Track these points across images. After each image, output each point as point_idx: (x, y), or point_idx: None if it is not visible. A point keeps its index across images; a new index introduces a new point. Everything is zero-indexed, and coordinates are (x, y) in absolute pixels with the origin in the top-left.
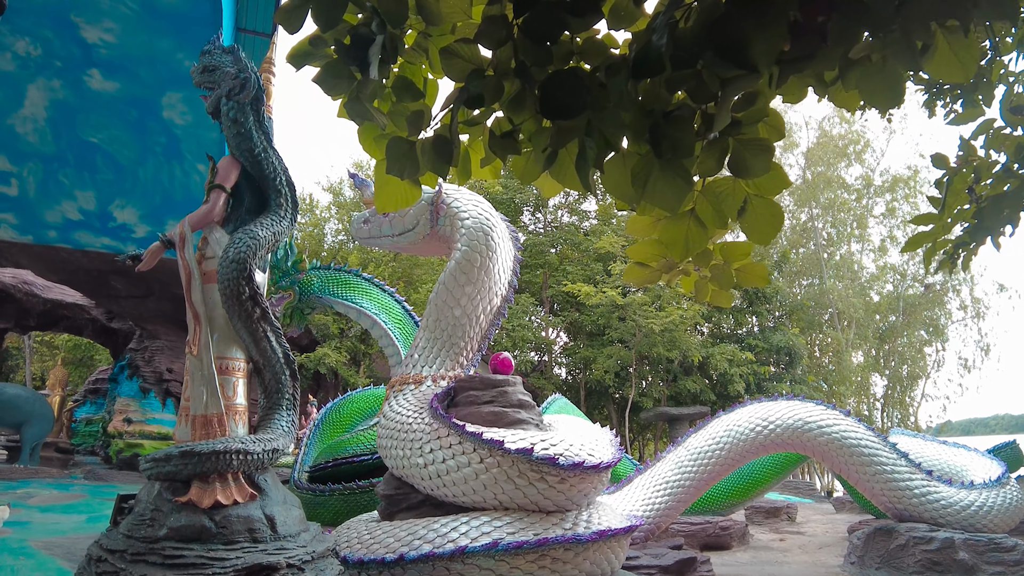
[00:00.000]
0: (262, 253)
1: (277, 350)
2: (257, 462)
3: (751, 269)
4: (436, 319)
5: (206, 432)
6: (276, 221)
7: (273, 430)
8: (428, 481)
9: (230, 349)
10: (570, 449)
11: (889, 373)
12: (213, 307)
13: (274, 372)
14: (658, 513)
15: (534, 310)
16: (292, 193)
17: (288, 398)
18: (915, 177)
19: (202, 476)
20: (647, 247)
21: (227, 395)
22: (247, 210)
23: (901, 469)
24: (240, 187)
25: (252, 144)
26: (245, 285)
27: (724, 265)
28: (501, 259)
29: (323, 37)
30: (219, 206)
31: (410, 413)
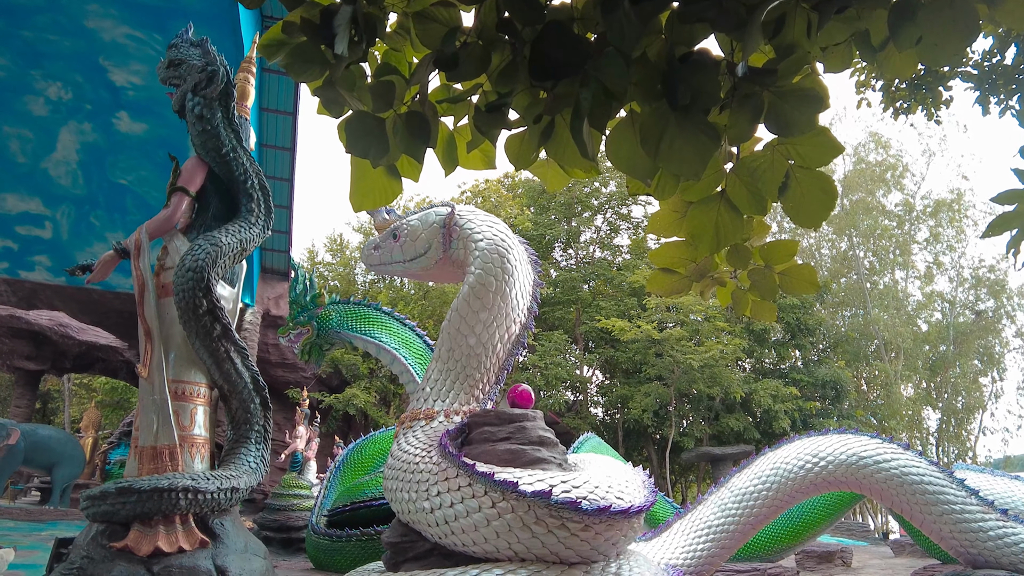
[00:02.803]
0: (226, 262)
1: (244, 374)
2: (211, 503)
3: (798, 273)
4: (449, 349)
5: (154, 466)
6: (245, 228)
7: (237, 466)
8: (435, 528)
9: (189, 372)
10: (595, 492)
11: (942, 406)
12: (170, 324)
13: (241, 400)
14: (700, 561)
15: (568, 347)
16: (265, 198)
17: (258, 430)
18: (959, 200)
19: (143, 518)
20: (673, 249)
21: (182, 424)
22: (214, 216)
23: (972, 508)
24: (207, 191)
25: (220, 143)
26: (203, 297)
27: (765, 269)
28: (519, 283)
29: (294, 22)
30: (181, 211)
31: (418, 452)
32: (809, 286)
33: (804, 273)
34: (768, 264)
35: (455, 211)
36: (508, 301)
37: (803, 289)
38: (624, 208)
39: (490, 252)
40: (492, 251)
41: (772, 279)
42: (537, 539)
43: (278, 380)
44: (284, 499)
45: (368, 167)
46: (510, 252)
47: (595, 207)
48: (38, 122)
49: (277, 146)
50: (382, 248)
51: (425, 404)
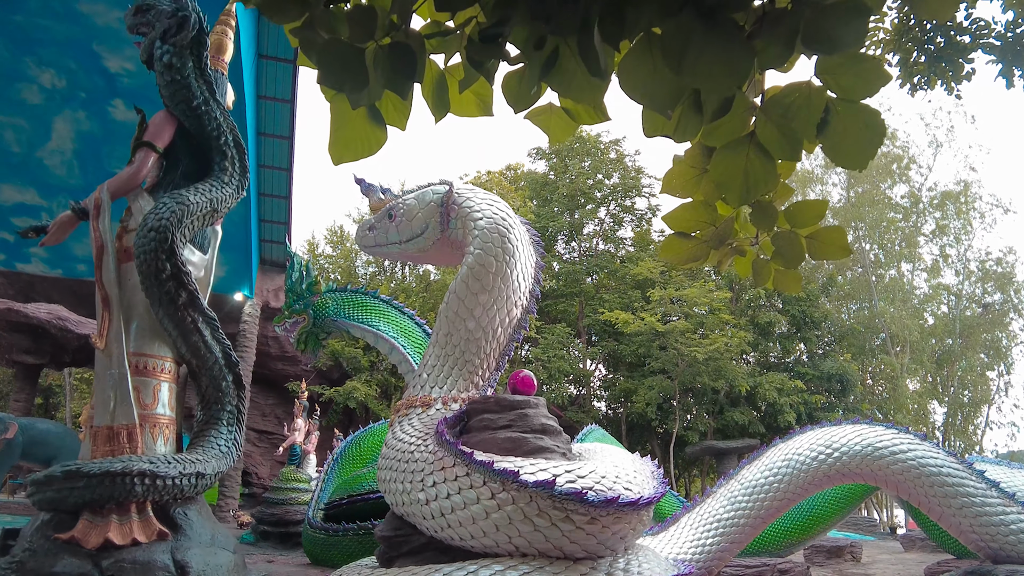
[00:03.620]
0: (194, 223)
1: (214, 348)
2: (172, 490)
3: (827, 236)
4: (447, 333)
5: (110, 449)
6: (217, 187)
7: (205, 450)
8: (431, 520)
9: (152, 344)
10: (602, 482)
11: (948, 400)
12: (132, 291)
13: (212, 377)
14: (709, 556)
15: (571, 341)
16: (241, 156)
17: (230, 411)
18: (966, 192)
19: (94, 506)
20: (689, 211)
21: (143, 402)
22: (183, 175)
23: (993, 501)
24: (176, 148)
25: (190, 95)
26: (166, 260)
27: (790, 234)
28: (520, 264)
29: None
30: (146, 168)
31: (413, 440)
32: (839, 250)
33: (834, 236)
34: (794, 227)
35: (454, 188)
36: (509, 283)
37: (833, 254)
38: (628, 200)
39: (490, 231)
40: (492, 230)
41: (798, 244)
42: (539, 532)
43: (278, 373)
44: (282, 493)
45: (348, 113)
46: (511, 231)
47: (598, 199)
48: (32, 111)
49: (275, 135)
50: (377, 229)
51: (421, 391)
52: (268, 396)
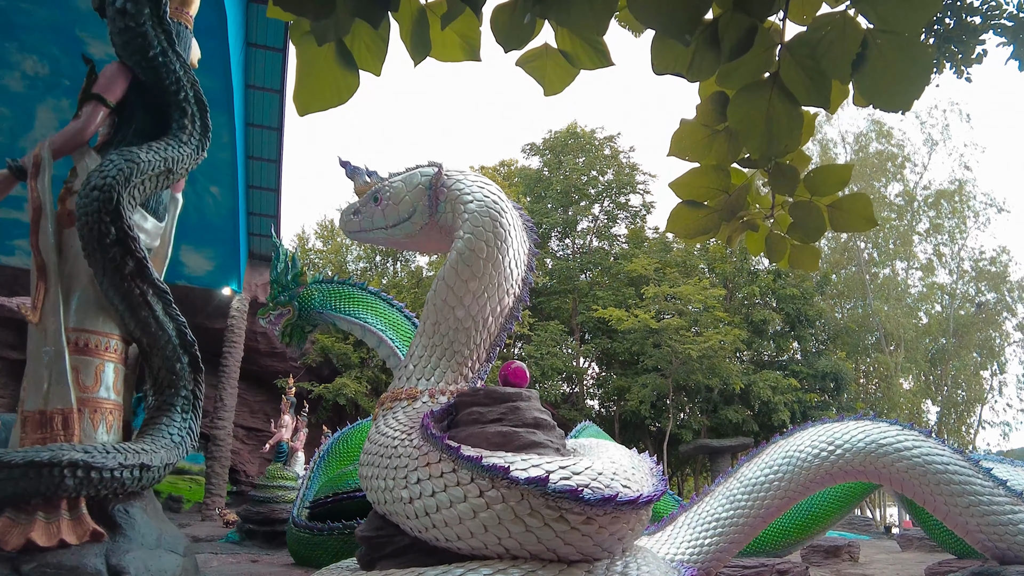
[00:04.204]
0: (145, 184)
1: (167, 324)
2: (110, 483)
3: (851, 205)
4: (435, 322)
5: (41, 436)
6: (173, 146)
7: (154, 439)
8: (415, 520)
9: (96, 320)
10: (599, 479)
11: (942, 399)
12: (74, 259)
13: (164, 357)
14: (707, 556)
15: (564, 338)
16: (202, 113)
17: (185, 396)
18: (960, 191)
19: (16, 501)
20: (699, 176)
21: (83, 384)
22: (137, 133)
23: (1000, 500)
24: (130, 104)
25: (146, 44)
26: (110, 223)
27: (810, 204)
28: (513, 250)
29: None
30: (95, 123)
31: (396, 435)
32: (864, 221)
33: (857, 205)
34: (814, 196)
35: (443, 170)
36: (501, 270)
37: (857, 225)
38: (622, 197)
39: (481, 215)
40: (483, 214)
41: (819, 214)
42: (531, 533)
43: (267, 370)
44: (268, 491)
45: (316, 56)
46: (503, 215)
47: (592, 196)
48: (15, 98)
49: (264, 125)
50: (362, 213)
51: (407, 383)
52: (256, 393)
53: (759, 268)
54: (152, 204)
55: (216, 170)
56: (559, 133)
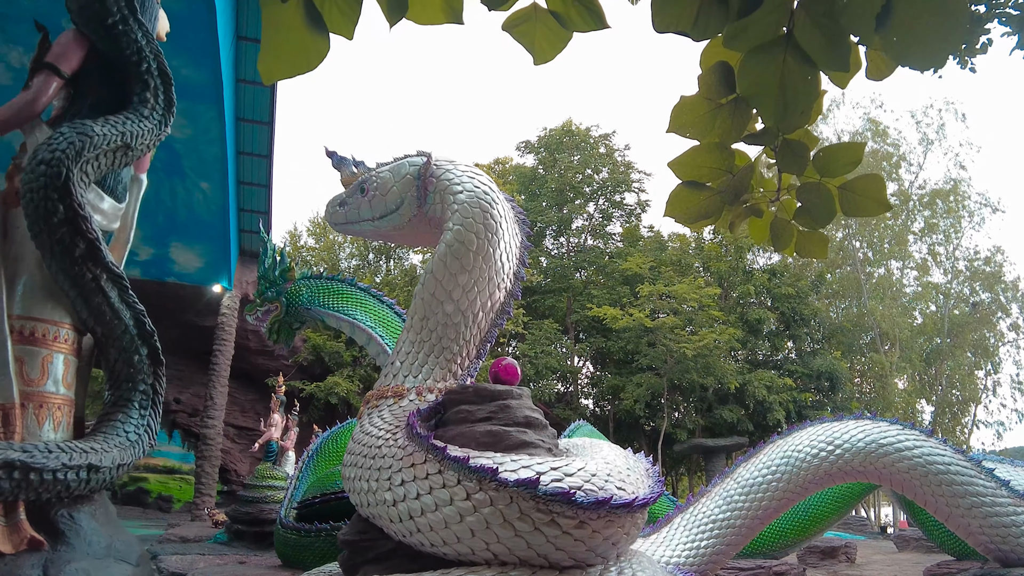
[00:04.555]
0: (100, 160)
1: (123, 313)
2: (53, 486)
3: (863, 187)
4: (423, 317)
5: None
6: (133, 120)
7: (106, 437)
8: (399, 524)
9: (44, 307)
10: (592, 480)
11: (936, 399)
12: (22, 241)
13: (121, 348)
14: (703, 559)
15: (558, 337)
16: (166, 87)
17: (144, 391)
18: (955, 190)
19: None
20: (701, 155)
21: (28, 376)
22: (94, 107)
23: (1003, 500)
24: (87, 75)
25: (105, 10)
26: (58, 201)
27: (819, 186)
28: (504, 243)
29: None
30: (47, 95)
31: (381, 434)
32: (876, 204)
33: (870, 187)
34: (824, 177)
35: (432, 160)
36: (491, 263)
37: (869, 208)
38: (617, 195)
39: (471, 206)
40: (473, 204)
41: (829, 197)
42: (521, 538)
43: (258, 368)
44: (257, 491)
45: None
46: (494, 207)
47: (587, 194)
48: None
49: (254, 120)
50: (348, 204)
51: (394, 380)
52: (247, 391)
53: (754, 267)
54: (110, 183)
55: (206, 166)
56: (554, 131)
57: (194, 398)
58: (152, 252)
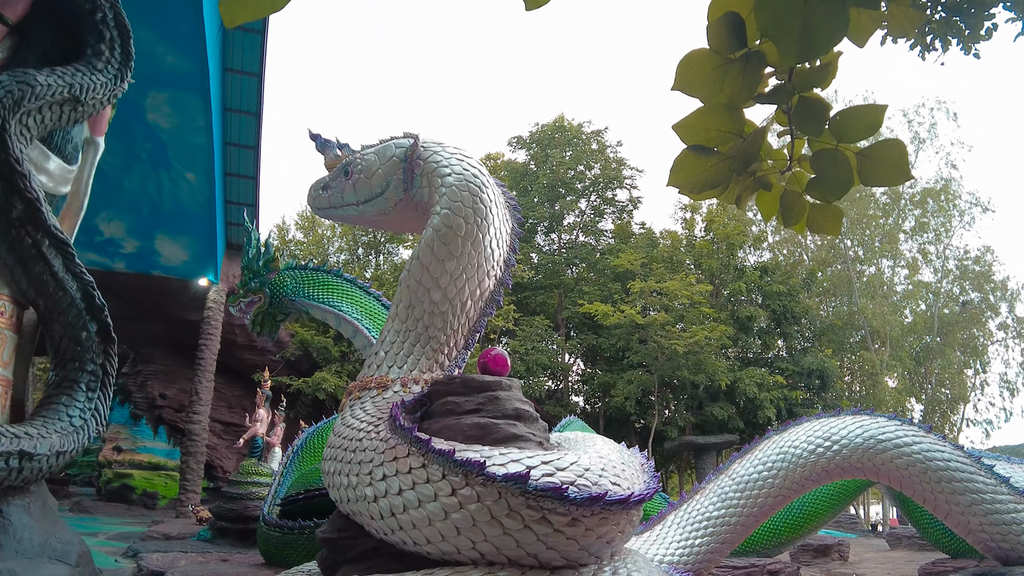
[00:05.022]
0: (44, 113)
1: (68, 283)
2: None
3: (881, 155)
4: (408, 305)
5: None
6: (84, 72)
7: (47, 421)
8: (380, 521)
9: None
10: (586, 475)
11: (926, 397)
12: None
13: (67, 324)
14: (698, 557)
15: (549, 334)
16: (124, 39)
17: (92, 371)
18: (946, 189)
19: None
20: (708, 117)
21: None
22: (42, 59)
23: (1003, 498)
24: (35, 24)
25: None
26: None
27: (835, 152)
28: (494, 228)
29: None
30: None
31: (362, 427)
32: (897, 173)
33: (891, 154)
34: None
35: (419, 141)
36: (481, 249)
37: (889, 177)
38: (609, 192)
39: (460, 189)
40: (463, 188)
41: (846, 165)
42: (510, 536)
43: (245, 363)
44: (242, 487)
45: None
46: (484, 191)
47: (579, 190)
48: None
49: (242, 110)
50: (332, 188)
51: (378, 371)
52: (234, 387)
53: (746, 265)
54: (57, 141)
55: (192, 156)
56: (546, 126)
57: (180, 393)
58: (137, 245)
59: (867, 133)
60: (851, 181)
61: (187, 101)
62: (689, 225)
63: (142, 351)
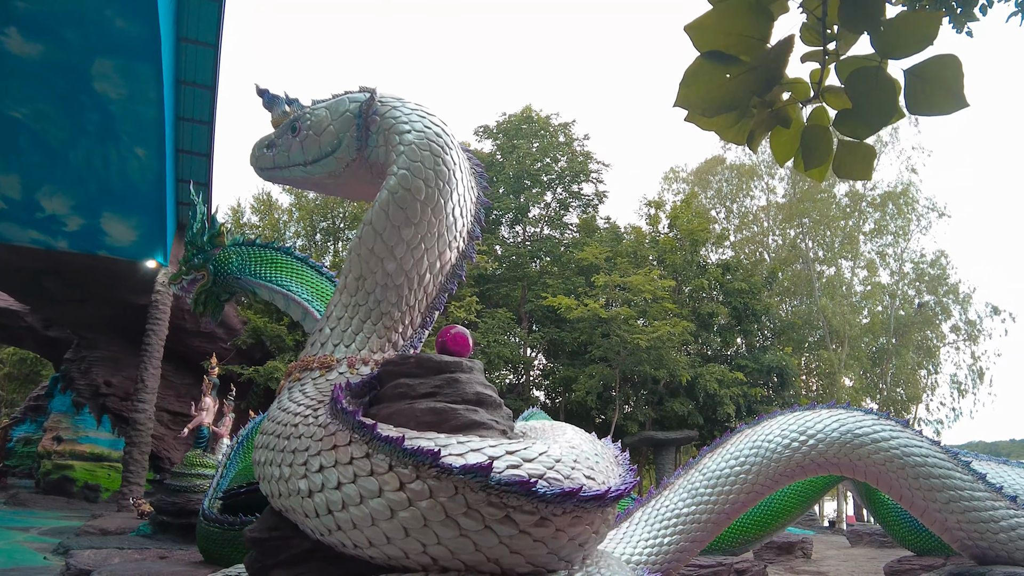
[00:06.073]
0: None
1: None
2: None
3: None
4: (358, 276)
5: None
6: None
7: None
8: (315, 519)
9: None
10: (556, 468)
11: (881, 397)
12: None
13: None
14: (666, 556)
15: (512, 326)
16: None
17: None
18: (905, 194)
19: None
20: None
21: None
22: None
23: (981, 495)
24: None
25: None
26: None
27: (877, 71)
28: (458, 194)
29: None
30: None
31: (300, 410)
32: (953, 99)
33: (947, 73)
34: (885, 58)
35: (377, 96)
36: (442, 216)
37: (943, 103)
38: (575, 185)
39: (420, 148)
40: (423, 147)
41: (890, 86)
42: (467, 538)
43: (196, 351)
44: (186, 479)
45: None
46: (448, 152)
47: (545, 183)
48: None
49: (196, 83)
50: (277, 147)
51: (322, 349)
52: (184, 375)
53: (708, 262)
54: None
55: (142, 129)
56: (513, 116)
57: (126, 381)
58: (82, 223)
59: (920, 46)
60: (894, 108)
61: (137, 70)
62: (653, 221)
63: (87, 336)
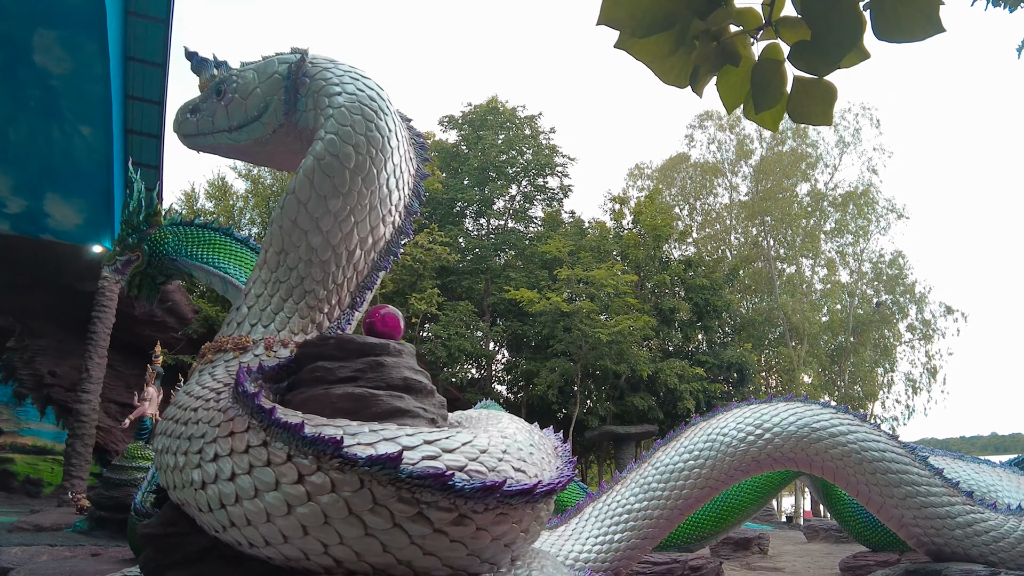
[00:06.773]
0: None
1: None
2: None
3: None
4: (280, 251)
5: None
6: None
7: None
8: (209, 514)
9: None
10: (480, 459)
11: (839, 394)
12: None
13: None
14: (617, 553)
15: (474, 320)
16: None
17: None
18: (866, 194)
19: None
20: None
21: None
22: None
23: (937, 490)
24: None
25: None
26: None
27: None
28: (393, 163)
29: None
30: None
31: (203, 394)
32: (926, 23)
33: None
34: None
35: (308, 57)
36: (374, 187)
37: (915, 28)
38: (540, 179)
39: (351, 111)
40: (354, 110)
41: (854, 10)
42: (374, 538)
43: (144, 340)
44: (126, 472)
45: None
46: (382, 117)
47: (510, 175)
48: None
49: (146, 60)
50: (201, 111)
51: (238, 329)
52: (132, 365)
53: (671, 257)
54: None
55: (87, 107)
56: (479, 107)
57: (72, 371)
58: (24, 204)
59: None
60: (859, 35)
61: (82, 44)
62: (618, 216)
63: (30, 324)
